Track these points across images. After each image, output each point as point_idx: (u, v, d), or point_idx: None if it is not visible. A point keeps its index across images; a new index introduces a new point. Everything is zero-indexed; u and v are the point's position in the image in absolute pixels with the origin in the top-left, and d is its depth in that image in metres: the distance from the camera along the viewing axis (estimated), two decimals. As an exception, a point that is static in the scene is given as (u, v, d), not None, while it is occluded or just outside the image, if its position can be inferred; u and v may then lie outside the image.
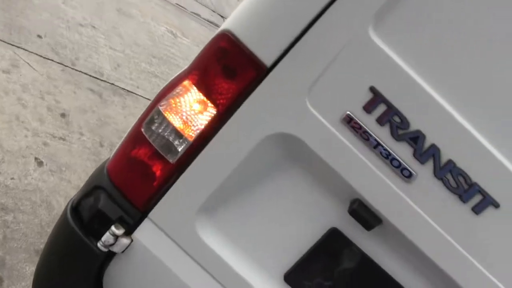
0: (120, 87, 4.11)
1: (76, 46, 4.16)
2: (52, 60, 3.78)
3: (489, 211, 1.29)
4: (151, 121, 1.43)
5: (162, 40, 5.38)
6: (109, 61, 4.33)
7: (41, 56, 3.72)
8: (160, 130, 1.42)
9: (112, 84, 4.08)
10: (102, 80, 4.04)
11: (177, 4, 6.73)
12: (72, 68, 3.89)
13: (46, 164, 2.98)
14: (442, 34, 1.20)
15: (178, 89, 1.40)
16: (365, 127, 1.28)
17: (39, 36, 3.90)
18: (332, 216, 1.43)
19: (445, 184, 1.28)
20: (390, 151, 1.28)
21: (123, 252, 1.51)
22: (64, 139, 3.24)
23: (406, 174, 1.29)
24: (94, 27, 4.63)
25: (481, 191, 1.27)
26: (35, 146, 3.04)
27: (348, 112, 1.28)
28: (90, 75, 3.99)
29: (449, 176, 1.28)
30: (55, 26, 4.17)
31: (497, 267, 1.34)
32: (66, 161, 3.09)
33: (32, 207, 2.68)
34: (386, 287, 1.44)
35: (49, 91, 3.49)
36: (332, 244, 1.44)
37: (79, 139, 3.33)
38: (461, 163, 1.27)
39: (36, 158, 2.97)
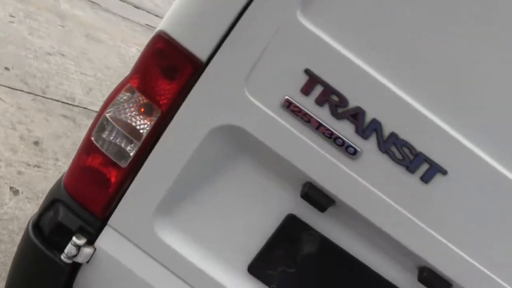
0: (93, 111, 4.12)
1: (45, 74, 4.18)
2: (22, 91, 3.79)
3: (438, 178, 1.31)
4: (100, 129, 1.45)
5: (134, 61, 5.39)
6: (80, 86, 4.35)
7: (9, 87, 3.72)
8: (109, 137, 1.44)
9: (85, 108, 4.09)
10: (74, 105, 4.05)
11: (147, 24, 6.77)
12: (43, 97, 3.89)
13: (22, 192, 2.98)
14: (370, 9, 1.23)
15: (122, 94, 1.42)
16: (305, 109, 1.30)
17: (7, 69, 3.91)
18: (287, 202, 1.45)
19: (390, 157, 1.30)
20: (333, 130, 1.30)
21: (88, 262, 1.51)
22: (39, 166, 3.24)
23: (351, 152, 1.31)
24: (62, 54, 4.64)
25: (427, 160, 1.29)
26: (10, 175, 3.03)
27: (286, 97, 1.30)
28: (62, 102, 3.99)
29: (393, 149, 1.30)
30: (22, 57, 4.18)
31: (453, 233, 1.35)
32: (43, 188, 3.09)
33: (10, 236, 2.67)
34: (348, 266, 1.45)
35: (21, 121, 3.50)
36: (291, 230, 1.46)
37: (54, 165, 3.33)
38: (403, 135, 1.29)
39: (11, 188, 2.97)
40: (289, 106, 1.30)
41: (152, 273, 1.49)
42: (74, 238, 1.46)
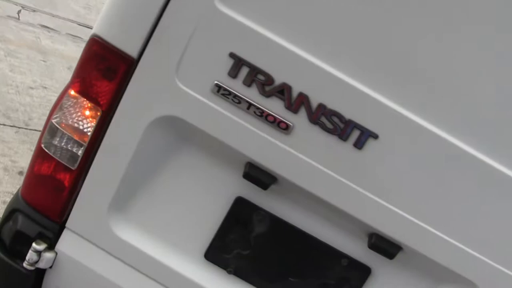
0: (78, 137, 4.17)
1: (28, 108, 4.26)
2: (4, 124, 3.86)
3: (371, 143, 1.35)
4: (48, 136, 1.50)
5: (117, 87, 5.47)
6: (64, 116, 4.41)
7: (-9, 123, 3.80)
8: (57, 142, 1.49)
9: (70, 136, 4.14)
10: (59, 134, 4.10)
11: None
12: (26, 128, 3.97)
13: (8, 221, 3.02)
14: None
15: (65, 99, 1.48)
16: (234, 91, 1.35)
17: (-12, 106, 4.00)
18: (234, 185, 1.49)
19: (322, 128, 1.34)
20: (263, 108, 1.35)
21: (51, 267, 1.55)
22: (25, 195, 3.28)
23: (283, 127, 1.35)
24: (45, 87, 4.73)
25: (357, 126, 1.33)
26: (-5, 206, 3.09)
27: (216, 82, 1.35)
28: (46, 132, 4.05)
29: (323, 119, 1.34)
30: (3, 93, 4.27)
31: (394, 195, 1.39)
32: (29, 215, 3.13)
33: (-3, 263, 2.70)
34: (300, 241, 1.49)
35: (4, 153, 3.56)
36: (240, 213, 1.49)
37: (40, 193, 3.37)
38: (331, 104, 1.33)
39: (-3, 218, 3.01)
40: (219, 90, 1.35)
41: (113, 270, 1.53)
42: (34, 244, 1.50)
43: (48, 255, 1.53)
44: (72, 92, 1.47)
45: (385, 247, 1.44)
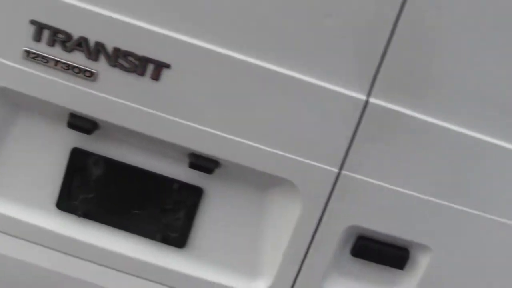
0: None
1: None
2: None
3: (165, 73, 1.54)
4: None
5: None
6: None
7: None
8: None
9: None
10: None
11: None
12: None
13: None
14: None
15: None
16: (41, 53, 1.56)
17: None
18: (68, 138, 1.69)
19: (121, 69, 1.55)
20: (68, 62, 1.56)
21: None
22: None
23: (88, 75, 1.56)
24: None
25: (149, 61, 1.52)
26: None
27: (24, 48, 1.57)
28: None
29: (121, 61, 1.55)
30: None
31: (197, 115, 1.57)
32: None
33: None
34: (132, 175, 1.68)
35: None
36: (78, 161, 1.69)
37: None
38: (124, 46, 1.53)
39: None
40: (28, 55, 1.57)
41: None
42: None
43: None
44: None
45: (202, 163, 1.62)
